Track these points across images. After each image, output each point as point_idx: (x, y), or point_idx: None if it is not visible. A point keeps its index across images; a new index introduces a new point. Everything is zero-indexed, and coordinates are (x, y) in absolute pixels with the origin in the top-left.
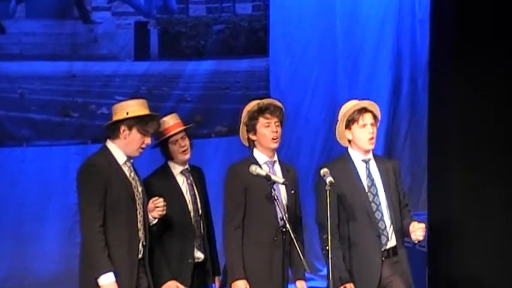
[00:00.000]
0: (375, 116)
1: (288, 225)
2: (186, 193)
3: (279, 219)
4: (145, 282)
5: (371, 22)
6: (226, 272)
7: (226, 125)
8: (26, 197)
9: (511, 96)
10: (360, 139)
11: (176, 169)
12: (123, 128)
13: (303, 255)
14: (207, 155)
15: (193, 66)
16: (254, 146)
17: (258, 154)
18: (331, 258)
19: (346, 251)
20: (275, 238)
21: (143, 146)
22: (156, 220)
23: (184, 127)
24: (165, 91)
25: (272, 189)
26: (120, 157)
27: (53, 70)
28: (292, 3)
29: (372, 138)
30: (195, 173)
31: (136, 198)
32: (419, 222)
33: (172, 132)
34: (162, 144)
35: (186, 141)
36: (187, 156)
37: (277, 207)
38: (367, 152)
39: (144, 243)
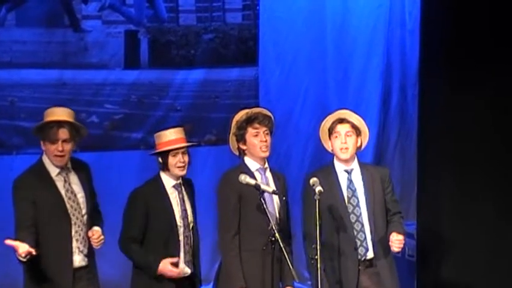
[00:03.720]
0: (353, 126)
1: (277, 235)
2: (177, 206)
3: (269, 229)
4: None
5: (361, 32)
6: (218, 278)
7: (215, 133)
8: None
9: (501, 105)
10: (335, 149)
11: (169, 182)
12: (41, 142)
13: (291, 264)
14: (197, 164)
15: (183, 75)
16: (244, 154)
17: (249, 161)
18: (320, 269)
19: (335, 260)
20: (264, 247)
21: (57, 153)
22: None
23: (189, 144)
24: (155, 100)
25: (262, 199)
26: (53, 170)
27: (43, 78)
28: (282, 12)
29: (344, 148)
30: (186, 186)
31: (72, 209)
32: (398, 233)
33: (174, 146)
34: (161, 153)
35: (186, 158)
36: (183, 173)
37: (267, 216)
38: (346, 161)
39: (85, 252)
